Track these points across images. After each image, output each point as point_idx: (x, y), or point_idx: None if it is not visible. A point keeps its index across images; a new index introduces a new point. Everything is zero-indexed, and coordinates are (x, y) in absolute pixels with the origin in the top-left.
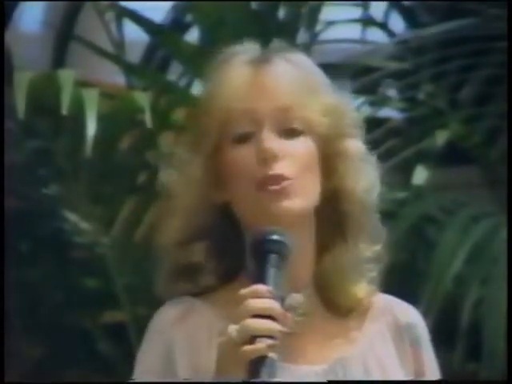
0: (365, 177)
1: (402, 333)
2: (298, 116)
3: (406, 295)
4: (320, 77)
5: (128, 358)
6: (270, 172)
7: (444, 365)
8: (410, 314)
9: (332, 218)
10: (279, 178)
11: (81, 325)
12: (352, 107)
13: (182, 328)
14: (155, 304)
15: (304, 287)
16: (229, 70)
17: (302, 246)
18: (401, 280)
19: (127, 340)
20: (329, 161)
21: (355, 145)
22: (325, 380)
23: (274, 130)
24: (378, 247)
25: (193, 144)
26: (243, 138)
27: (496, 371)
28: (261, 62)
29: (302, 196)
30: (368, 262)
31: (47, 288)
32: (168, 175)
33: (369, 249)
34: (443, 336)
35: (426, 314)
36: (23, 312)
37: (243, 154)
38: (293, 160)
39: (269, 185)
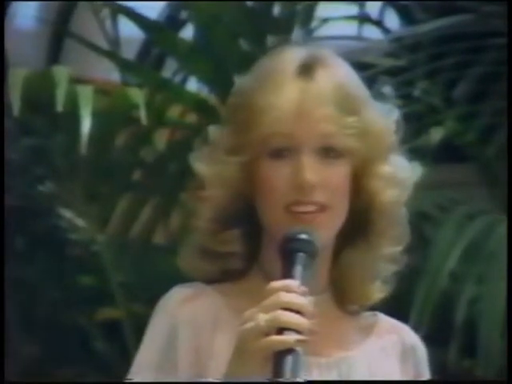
0: (394, 190)
1: (406, 353)
2: (338, 141)
3: (401, 292)
4: (360, 91)
5: (123, 355)
6: (306, 198)
7: (439, 361)
8: (413, 337)
9: (356, 222)
10: (313, 206)
11: (76, 322)
12: (390, 121)
13: (189, 308)
14: (151, 301)
15: (321, 291)
16: (277, 87)
17: (321, 253)
18: (396, 277)
19: (123, 338)
20: (360, 180)
21: (388, 167)
22: (328, 372)
23: (313, 150)
24: (398, 248)
25: (232, 147)
26: (280, 154)
27: (491, 368)
28: (306, 78)
29: (334, 224)
30: (386, 261)
31: (43, 286)
32: (202, 166)
33: (389, 248)
34: (439, 333)
35: (421, 311)
36: (19, 309)
37: (278, 173)
38: (329, 188)
39: (301, 211)
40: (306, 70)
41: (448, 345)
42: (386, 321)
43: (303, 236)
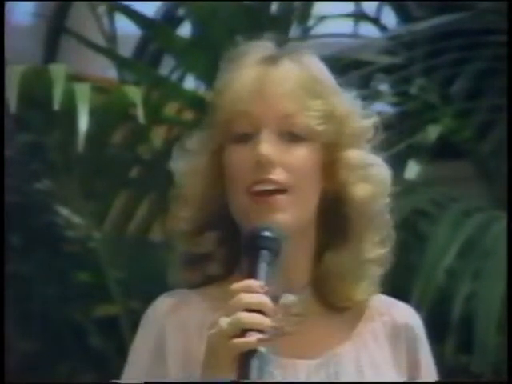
0: (366, 185)
1: (399, 333)
2: (299, 123)
3: (397, 289)
4: (327, 80)
5: (120, 351)
6: (264, 176)
7: (436, 357)
8: (408, 315)
9: (333, 219)
10: (272, 184)
11: (73, 319)
12: (357, 111)
13: (175, 317)
14: (147, 298)
15: (302, 288)
16: (238, 71)
17: (300, 249)
18: (392, 274)
19: (119, 334)
20: (330, 167)
21: (356, 154)
22: (316, 374)
23: (275, 133)
24: (382, 250)
25: (202, 137)
26: (243, 139)
27: (487, 364)
28: (269, 64)
29: (298, 208)
30: (370, 264)
31: (39, 282)
32: (178, 164)
33: (372, 251)
34: (435, 329)
35: (417, 308)
36: (15, 306)
37: (240, 156)
38: (291, 169)
39: (261, 189)
40: (271, 57)
41: (444, 341)
42: (378, 302)
43: (266, 233)
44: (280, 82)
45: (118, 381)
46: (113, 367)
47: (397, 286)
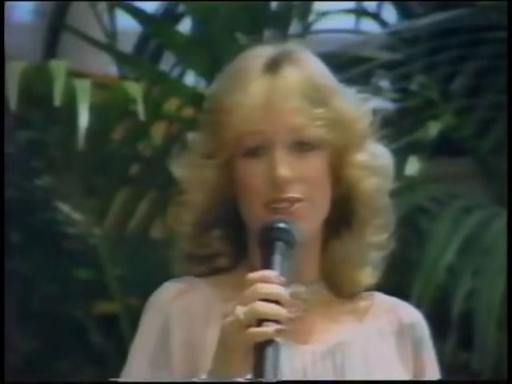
0: (373, 179)
1: (404, 332)
2: (309, 133)
3: (397, 286)
4: (329, 83)
5: (120, 348)
6: (284, 195)
7: (436, 354)
8: (413, 315)
9: (339, 212)
10: (291, 201)
11: (73, 316)
12: (362, 111)
13: (180, 303)
14: (147, 295)
15: (312, 282)
16: (242, 85)
17: (309, 246)
18: (392, 271)
19: (119, 331)
20: (338, 169)
21: (364, 154)
22: (322, 361)
23: (286, 146)
24: (384, 235)
25: (207, 150)
26: (254, 152)
27: (487, 361)
28: (272, 73)
29: (315, 214)
30: (374, 248)
31: (39, 279)
32: (181, 172)
33: (375, 236)
34: (435, 326)
35: (418, 305)
36: (15, 303)
37: (254, 172)
38: (307, 181)
39: (280, 207)
40: (273, 66)
41: (444, 338)
42: (383, 300)
43: (281, 225)
44: (285, 95)
45: (120, 375)
46: (113, 364)
47: (397, 282)
